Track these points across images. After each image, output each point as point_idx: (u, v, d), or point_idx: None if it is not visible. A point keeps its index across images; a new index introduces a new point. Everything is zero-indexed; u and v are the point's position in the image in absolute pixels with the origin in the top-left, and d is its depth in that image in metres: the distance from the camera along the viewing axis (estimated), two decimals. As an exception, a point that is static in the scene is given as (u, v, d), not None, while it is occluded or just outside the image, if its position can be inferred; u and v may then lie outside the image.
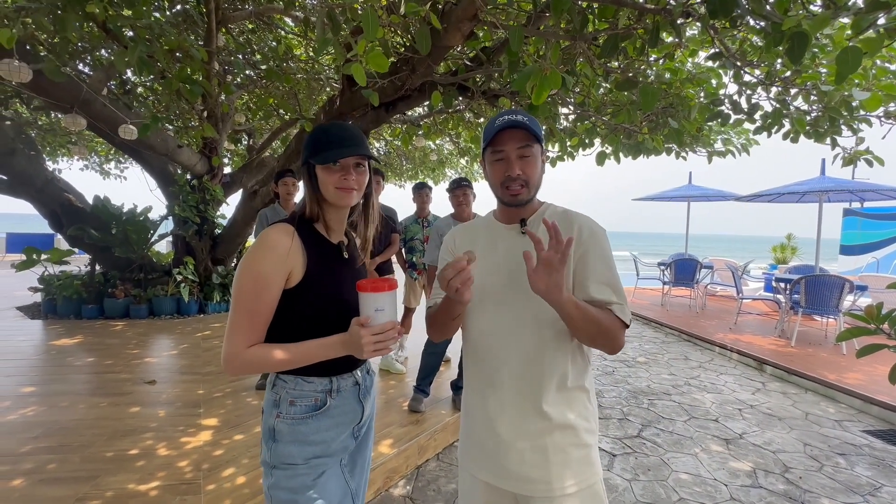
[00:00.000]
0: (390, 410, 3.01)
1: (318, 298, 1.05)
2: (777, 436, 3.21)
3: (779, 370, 4.54)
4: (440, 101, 3.48)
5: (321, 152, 1.05)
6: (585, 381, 1.06)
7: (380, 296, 0.97)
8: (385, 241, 3.82)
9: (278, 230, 1.02)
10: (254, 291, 0.97)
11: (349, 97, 4.28)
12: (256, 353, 0.99)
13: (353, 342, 0.98)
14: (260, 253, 0.99)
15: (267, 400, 1.09)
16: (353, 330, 0.99)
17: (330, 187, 1.07)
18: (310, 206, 1.09)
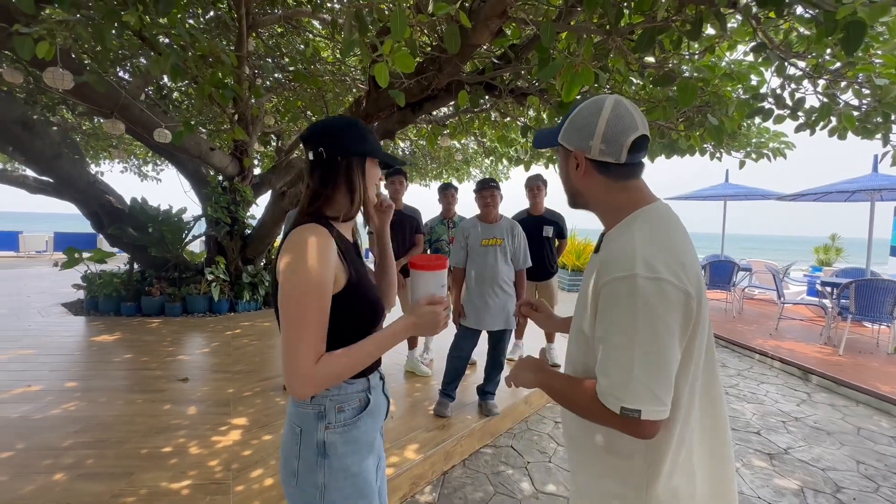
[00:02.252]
0: (416, 414, 2.98)
1: (362, 302, 1.01)
2: (826, 452, 3.01)
3: (826, 380, 4.27)
4: (467, 100, 3.43)
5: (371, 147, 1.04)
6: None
7: (443, 273, 1.03)
8: (409, 242, 3.79)
9: (317, 232, 0.95)
10: (316, 300, 0.90)
11: (375, 98, 4.28)
12: (332, 364, 0.91)
13: (428, 321, 1.01)
14: (312, 258, 0.91)
15: (303, 417, 0.99)
16: (424, 310, 1.02)
17: (374, 185, 1.07)
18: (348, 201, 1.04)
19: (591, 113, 0.87)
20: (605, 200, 0.91)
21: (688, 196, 8.68)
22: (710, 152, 4.70)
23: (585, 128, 0.88)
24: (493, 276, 3.00)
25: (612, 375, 0.77)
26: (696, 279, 0.81)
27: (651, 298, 0.74)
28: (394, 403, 3.13)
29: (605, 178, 0.89)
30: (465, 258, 3.12)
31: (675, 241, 0.82)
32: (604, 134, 0.85)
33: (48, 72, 3.47)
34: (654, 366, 0.74)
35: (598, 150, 0.86)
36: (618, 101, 0.87)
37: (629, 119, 0.85)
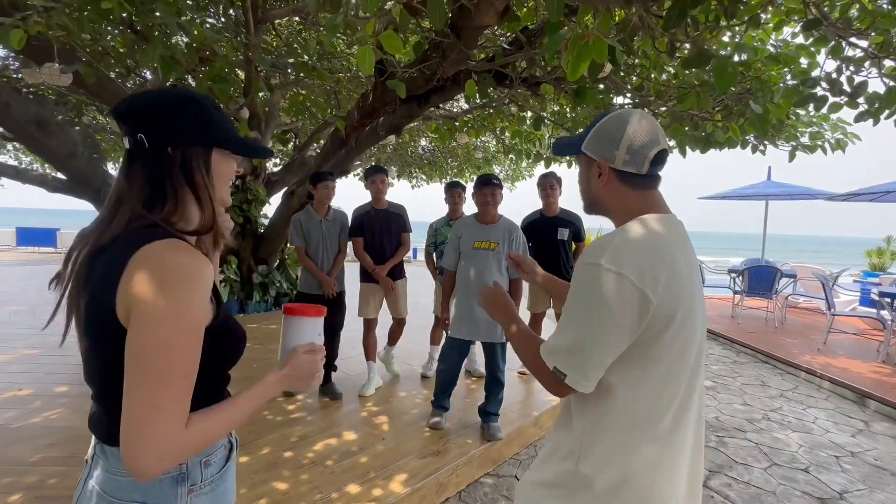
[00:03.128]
0: (409, 437, 2.70)
1: (229, 339, 0.83)
2: (891, 499, 2.55)
3: (887, 406, 3.73)
4: (475, 90, 3.13)
5: (219, 132, 0.81)
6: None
7: (320, 321, 0.94)
8: (396, 241, 3.52)
9: (192, 252, 0.72)
10: (192, 348, 0.70)
11: (381, 92, 4.03)
12: (207, 427, 0.72)
13: (303, 372, 0.87)
14: (188, 292, 0.68)
15: (149, 490, 0.75)
16: (301, 359, 0.87)
17: (228, 183, 0.84)
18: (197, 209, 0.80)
19: (617, 124, 0.91)
20: (623, 208, 0.94)
21: (725, 195, 8.05)
22: (753, 145, 4.22)
23: (611, 138, 0.92)
24: (482, 283, 2.71)
25: (557, 339, 0.88)
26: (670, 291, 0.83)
27: (605, 289, 0.81)
28: (386, 423, 2.87)
29: (625, 187, 0.93)
30: (457, 260, 2.85)
31: (657, 248, 0.85)
32: (629, 145, 0.90)
33: (45, 67, 3.39)
34: (590, 347, 0.83)
35: (623, 160, 0.91)
36: (643, 115, 0.93)
37: (653, 133, 0.90)
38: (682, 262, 0.86)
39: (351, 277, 3.52)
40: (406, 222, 3.58)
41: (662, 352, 0.84)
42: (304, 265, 3.34)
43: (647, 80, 3.04)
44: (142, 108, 0.75)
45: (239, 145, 0.85)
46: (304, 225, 3.32)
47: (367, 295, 3.51)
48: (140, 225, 0.73)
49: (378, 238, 3.46)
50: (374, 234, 3.45)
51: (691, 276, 0.88)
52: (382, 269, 3.45)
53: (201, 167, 0.78)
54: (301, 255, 3.33)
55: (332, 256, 3.37)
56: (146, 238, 0.70)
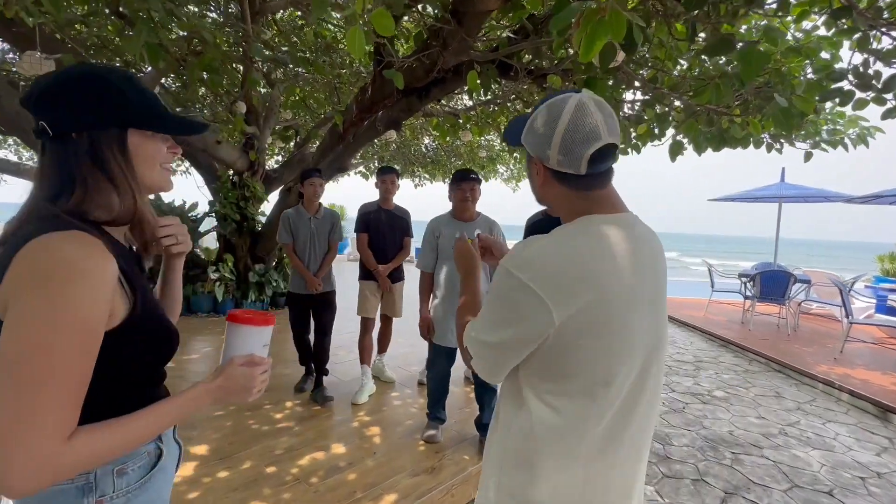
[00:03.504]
0: (401, 451, 2.52)
1: (147, 340, 0.74)
2: (925, 528, 2.34)
3: (912, 423, 3.51)
4: (476, 80, 2.94)
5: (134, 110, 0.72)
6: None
7: (268, 331, 0.85)
8: (398, 244, 3.45)
9: (85, 244, 0.64)
10: (70, 349, 0.60)
11: (380, 84, 3.85)
12: (85, 446, 0.62)
13: (236, 386, 0.79)
14: (70, 288, 0.60)
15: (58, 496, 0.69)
16: (235, 371, 0.79)
17: (156, 165, 0.76)
18: (121, 194, 0.72)
19: (549, 118, 0.81)
20: (566, 210, 0.86)
21: (737, 197, 7.81)
22: (768, 143, 4.01)
23: (543, 135, 0.82)
24: None
25: (473, 324, 0.87)
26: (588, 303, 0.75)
27: (510, 293, 0.78)
28: (378, 436, 2.69)
29: (564, 187, 0.84)
30: (434, 261, 2.68)
31: (580, 257, 0.77)
32: (560, 145, 0.79)
33: (25, 56, 3.23)
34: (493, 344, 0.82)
35: (556, 160, 0.81)
36: (579, 106, 0.79)
37: (591, 128, 0.78)
38: (622, 269, 0.78)
39: (349, 277, 3.36)
40: (409, 227, 3.54)
41: (576, 368, 0.78)
42: (292, 263, 3.28)
43: (662, 72, 2.84)
44: (40, 93, 0.69)
45: (162, 123, 0.76)
46: (293, 222, 3.27)
47: (367, 293, 3.41)
48: (39, 216, 0.67)
49: (382, 237, 3.41)
50: (379, 233, 3.40)
51: (636, 285, 0.79)
52: (384, 268, 3.35)
53: (115, 151, 0.71)
54: (289, 253, 3.27)
55: (320, 255, 3.30)
56: (39, 230, 0.63)
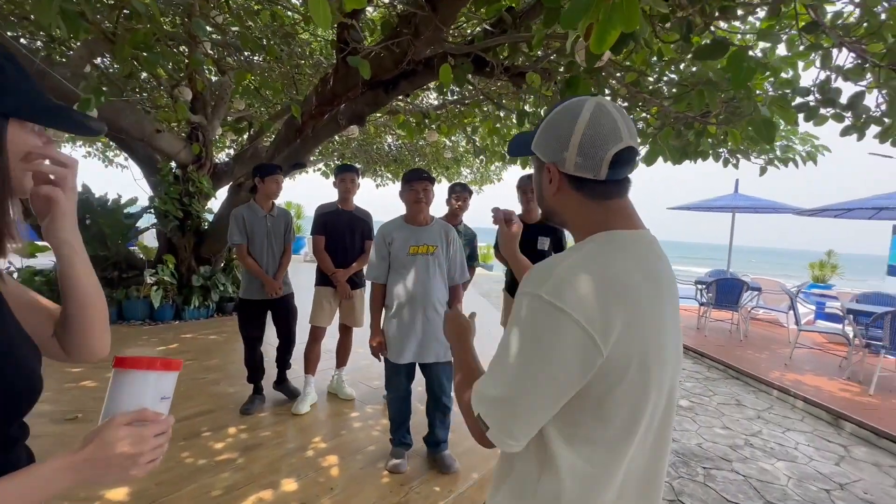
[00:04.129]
0: (363, 484, 2.24)
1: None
2: (893, 543, 2.35)
3: (864, 430, 3.63)
4: (450, 76, 2.72)
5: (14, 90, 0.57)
6: None
7: (168, 376, 0.64)
8: (359, 248, 3.19)
9: None
10: None
11: (344, 74, 3.54)
12: None
13: (116, 455, 0.55)
14: None
15: None
16: (114, 435, 0.56)
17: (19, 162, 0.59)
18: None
19: (566, 119, 0.74)
20: (581, 222, 0.78)
21: (693, 206, 8.08)
22: (725, 158, 4.09)
23: (559, 137, 0.75)
24: (425, 293, 2.33)
25: (486, 381, 0.73)
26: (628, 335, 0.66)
27: (543, 327, 0.66)
28: (336, 466, 2.39)
29: (581, 195, 0.77)
30: (386, 271, 2.42)
31: (615, 279, 0.68)
32: (580, 144, 0.73)
33: None
34: (520, 399, 0.67)
35: (574, 163, 0.74)
36: (599, 106, 0.73)
37: (611, 127, 0.72)
38: (649, 295, 0.71)
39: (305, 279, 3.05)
40: (371, 229, 3.27)
41: (613, 411, 0.70)
42: (246, 265, 2.97)
43: (643, 76, 2.73)
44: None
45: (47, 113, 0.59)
46: (248, 220, 2.97)
47: (322, 300, 3.12)
48: None
49: (341, 240, 3.13)
50: (338, 235, 3.12)
51: (662, 312, 0.72)
52: (343, 273, 3.06)
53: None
54: (242, 255, 2.95)
55: (277, 256, 3.05)
56: None
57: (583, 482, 0.71)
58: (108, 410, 0.61)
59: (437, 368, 2.42)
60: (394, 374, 2.43)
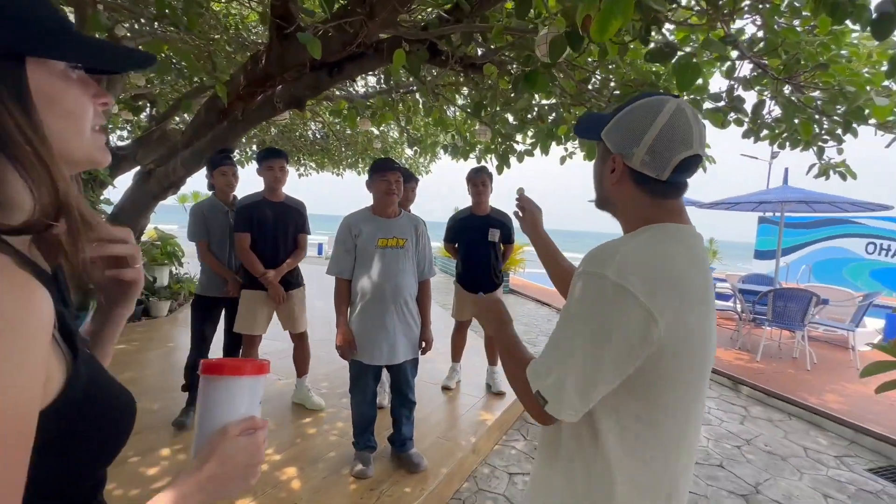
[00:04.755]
0: (330, 495, 2.10)
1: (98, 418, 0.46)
2: (793, 486, 2.78)
3: (757, 392, 4.25)
4: (403, 62, 2.61)
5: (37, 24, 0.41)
6: None
7: (262, 379, 0.61)
8: (292, 242, 2.94)
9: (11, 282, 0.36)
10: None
11: (279, 53, 3.23)
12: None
13: (235, 469, 0.53)
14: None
15: None
16: (231, 447, 0.53)
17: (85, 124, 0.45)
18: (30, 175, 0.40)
19: (645, 115, 0.76)
20: (633, 215, 0.81)
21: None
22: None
23: (633, 131, 0.77)
24: (396, 289, 2.25)
25: (545, 358, 0.76)
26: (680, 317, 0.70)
27: (607, 303, 0.70)
28: (296, 479, 2.22)
29: (640, 191, 0.79)
30: (352, 266, 2.30)
31: (670, 265, 0.73)
32: (652, 144, 0.75)
33: None
34: (580, 371, 0.71)
35: (641, 160, 0.77)
36: (679, 109, 0.75)
37: (685, 133, 0.75)
38: (696, 283, 0.74)
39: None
40: (306, 222, 3.03)
41: (665, 385, 0.73)
42: (207, 262, 2.82)
43: (595, 75, 2.86)
44: None
45: (83, 46, 0.45)
46: (207, 216, 2.81)
47: (253, 305, 2.80)
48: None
49: (271, 236, 2.83)
50: (267, 230, 2.82)
51: (706, 301, 0.76)
52: (274, 275, 2.78)
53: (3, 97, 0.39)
54: (203, 251, 2.79)
55: None
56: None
57: (634, 459, 0.75)
58: (211, 420, 0.56)
59: (404, 366, 2.34)
60: (361, 375, 2.30)
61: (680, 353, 0.72)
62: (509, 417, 3.28)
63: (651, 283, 0.70)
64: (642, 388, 0.74)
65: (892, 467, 3.08)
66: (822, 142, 3.27)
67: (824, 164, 3.39)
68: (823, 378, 4.59)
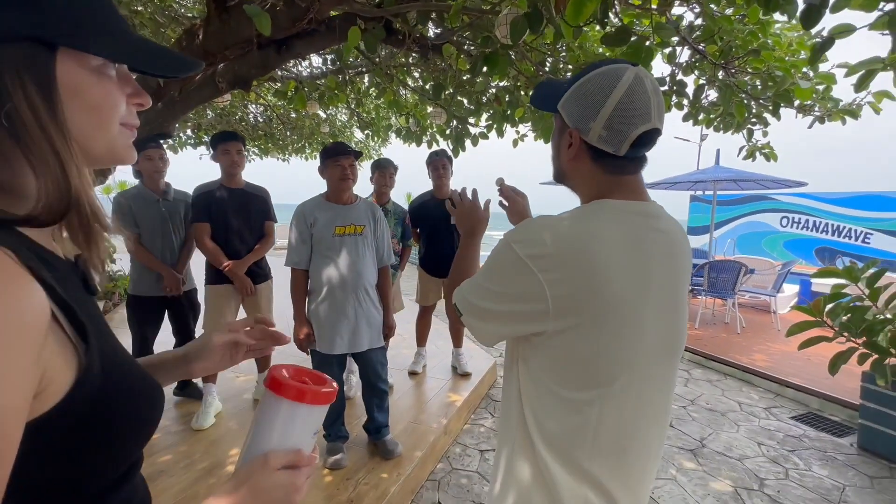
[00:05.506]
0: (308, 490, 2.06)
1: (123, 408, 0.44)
2: (731, 438, 3.08)
3: (697, 356, 4.63)
4: (359, 40, 2.51)
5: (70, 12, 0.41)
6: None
7: (322, 410, 0.57)
8: (257, 232, 2.80)
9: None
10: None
11: (219, 27, 2.98)
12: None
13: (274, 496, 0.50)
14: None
15: None
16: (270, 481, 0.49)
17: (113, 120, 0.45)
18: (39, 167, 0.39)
19: (601, 86, 0.72)
20: (588, 191, 0.80)
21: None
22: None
23: (590, 104, 0.73)
24: (356, 277, 2.23)
25: (468, 285, 0.81)
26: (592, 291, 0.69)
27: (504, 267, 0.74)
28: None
29: (597, 167, 0.78)
30: (308, 255, 2.25)
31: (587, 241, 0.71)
32: (609, 118, 0.72)
33: None
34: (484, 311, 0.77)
35: (598, 135, 0.74)
36: (637, 79, 0.72)
37: (643, 106, 0.72)
38: (630, 262, 0.71)
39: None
40: (270, 208, 2.88)
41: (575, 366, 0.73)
42: (138, 258, 2.59)
43: (550, 56, 2.90)
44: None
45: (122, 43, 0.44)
46: (133, 207, 2.58)
47: (219, 301, 2.65)
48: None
49: (233, 226, 2.66)
50: (227, 220, 2.64)
51: (646, 282, 0.73)
52: (238, 266, 2.65)
53: (27, 86, 0.38)
54: (134, 246, 2.55)
55: (177, 246, 2.69)
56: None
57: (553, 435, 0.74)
58: (259, 439, 0.52)
59: (370, 354, 2.31)
60: (324, 365, 2.25)
61: (585, 336, 0.70)
62: (476, 397, 3.36)
63: (551, 258, 0.69)
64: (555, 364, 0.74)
65: (810, 413, 3.50)
66: (751, 125, 3.54)
67: (752, 146, 3.67)
68: (751, 340, 5.09)
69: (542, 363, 0.75)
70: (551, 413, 0.74)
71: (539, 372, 0.76)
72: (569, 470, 0.73)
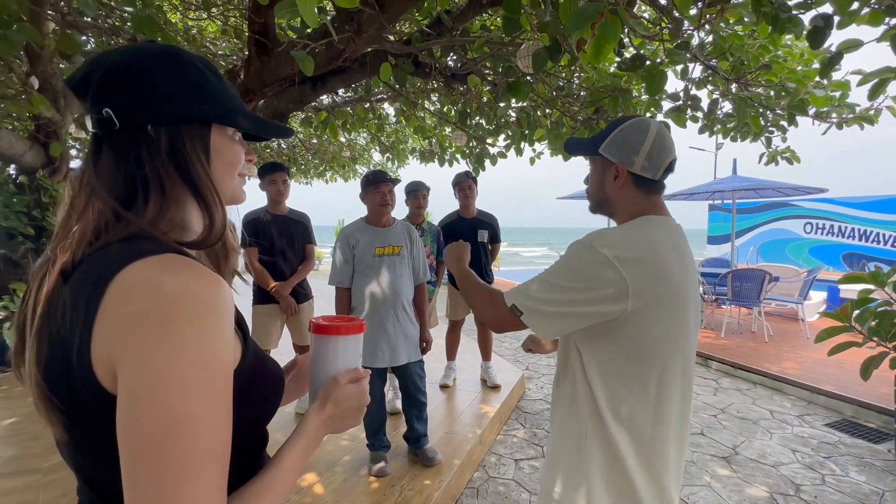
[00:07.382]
0: (355, 495, 2.18)
1: (263, 383, 0.60)
2: (765, 445, 3.09)
3: (725, 365, 4.62)
4: (390, 75, 2.74)
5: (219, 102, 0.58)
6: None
7: (361, 338, 0.73)
8: (297, 257, 3.01)
9: (201, 275, 0.48)
10: (217, 412, 0.46)
11: (259, 67, 3.25)
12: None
13: (350, 408, 0.66)
14: (205, 331, 0.46)
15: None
16: (345, 392, 0.65)
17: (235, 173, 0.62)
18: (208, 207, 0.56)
19: (638, 131, 0.98)
20: (629, 209, 1.01)
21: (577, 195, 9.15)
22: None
23: (632, 144, 0.98)
24: (395, 294, 2.38)
25: (526, 284, 0.97)
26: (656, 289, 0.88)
27: (586, 263, 0.90)
28: (318, 483, 2.28)
29: (638, 190, 1.00)
30: (351, 275, 2.42)
31: (652, 245, 0.92)
32: (649, 152, 0.97)
33: None
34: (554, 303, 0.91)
35: (641, 165, 0.98)
36: (660, 126, 0.99)
37: (669, 142, 0.99)
38: (675, 264, 0.92)
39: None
40: (311, 233, 3.10)
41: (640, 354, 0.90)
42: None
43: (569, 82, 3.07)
44: (106, 72, 0.52)
45: (249, 120, 0.61)
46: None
47: (266, 320, 2.84)
48: (119, 236, 0.50)
49: (278, 250, 2.85)
50: (273, 244, 2.84)
51: (685, 281, 0.93)
52: (284, 287, 2.84)
53: (198, 151, 0.56)
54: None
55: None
56: (129, 254, 0.47)
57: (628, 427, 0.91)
58: (324, 371, 0.68)
59: (409, 367, 2.44)
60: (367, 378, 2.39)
61: (652, 328, 0.89)
62: (506, 409, 3.44)
63: (633, 259, 0.87)
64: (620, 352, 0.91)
65: (844, 420, 3.47)
66: (769, 133, 3.62)
67: (773, 152, 3.73)
68: (780, 348, 5.04)
69: (610, 346, 0.91)
70: (618, 390, 0.91)
71: (609, 353, 0.91)
72: (634, 440, 0.90)
